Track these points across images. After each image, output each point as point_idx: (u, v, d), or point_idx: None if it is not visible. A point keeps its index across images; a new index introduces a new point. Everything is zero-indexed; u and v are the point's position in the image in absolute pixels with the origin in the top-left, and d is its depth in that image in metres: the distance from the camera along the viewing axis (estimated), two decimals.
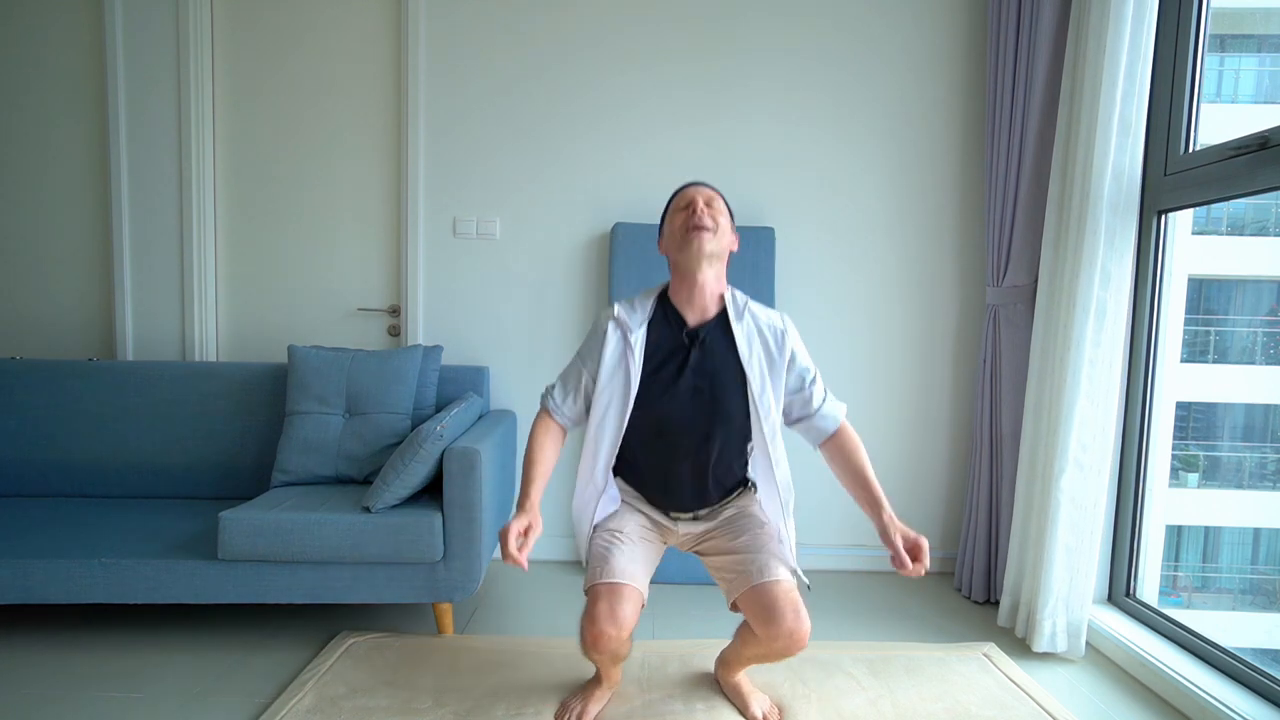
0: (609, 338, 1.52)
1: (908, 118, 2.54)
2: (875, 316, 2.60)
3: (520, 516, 1.37)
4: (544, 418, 1.57)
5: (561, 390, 1.57)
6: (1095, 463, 1.93)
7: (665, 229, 1.55)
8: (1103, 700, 1.78)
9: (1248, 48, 3.73)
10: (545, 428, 1.55)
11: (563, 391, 1.56)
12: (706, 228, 1.46)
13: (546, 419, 1.57)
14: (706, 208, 1.47)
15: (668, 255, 1.55)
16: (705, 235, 1.46)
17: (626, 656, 1.56)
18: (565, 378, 1.58)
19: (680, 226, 1.48)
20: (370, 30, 2.56)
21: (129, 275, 2.56)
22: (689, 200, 1.50)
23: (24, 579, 1.79)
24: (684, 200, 1.51)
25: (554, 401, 1.56)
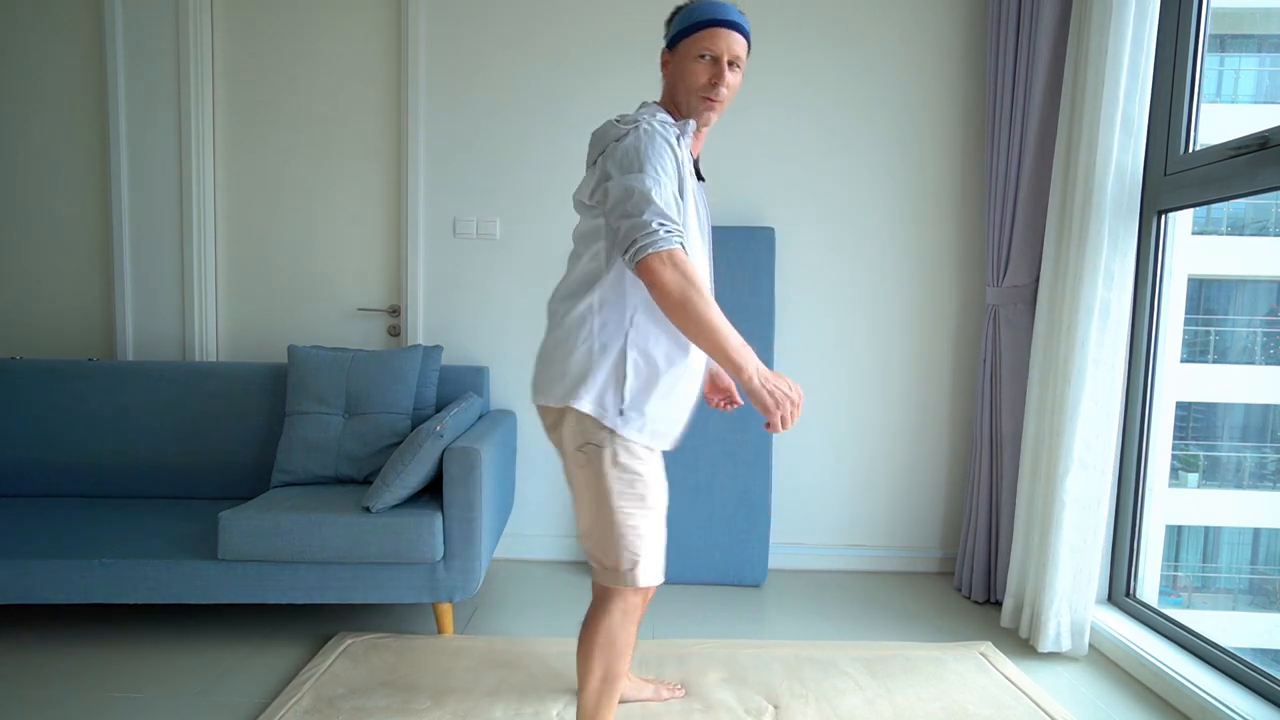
0: (683, 162, 1.26)
1: (908, 117, 2.54)
2: (875, 316, 2.60)
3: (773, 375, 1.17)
4: (685, 257, 1.15)
5: (676, 215, 1.18)
6: (1098, 462, 1.93)
7: (683, 57, 1.29)
8: (1102, 700, 1.78)
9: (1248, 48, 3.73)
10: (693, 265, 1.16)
11: (678, 217, 1.18)
12: (723, 103, 1.30)
13: (685, 255, 1.15)
14: (730, 69, 1.28)
15: (671, 81, 1.33)
16: (718, 109, 1.31)
17: None
18: (665, 200, 1.17)
19: (699, 84, 1.27)
20: (370, 31, 2.56)
21: (129, 275, 2.56)
22: (717, 53, 1.26)
23: (24, 579, 1.79)
24: (713, 48, 1.26)
25: (678, 229, 1.16)
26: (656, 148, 1.20)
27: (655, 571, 1.31)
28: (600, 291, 1.26)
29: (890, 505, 2.64)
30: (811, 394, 2.61)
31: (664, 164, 1.20)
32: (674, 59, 1.32)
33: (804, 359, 2.60)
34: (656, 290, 1.14)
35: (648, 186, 1.16)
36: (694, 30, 1.27)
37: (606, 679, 1.32)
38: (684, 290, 1.12)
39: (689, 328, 1.14)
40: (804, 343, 2.60)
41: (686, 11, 1.30)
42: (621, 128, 1.24)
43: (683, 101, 1.31)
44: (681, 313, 1.14)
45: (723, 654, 1.92)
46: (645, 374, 1.26)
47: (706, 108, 1.30)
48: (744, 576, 2.45)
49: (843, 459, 2.63)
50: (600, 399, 1.25)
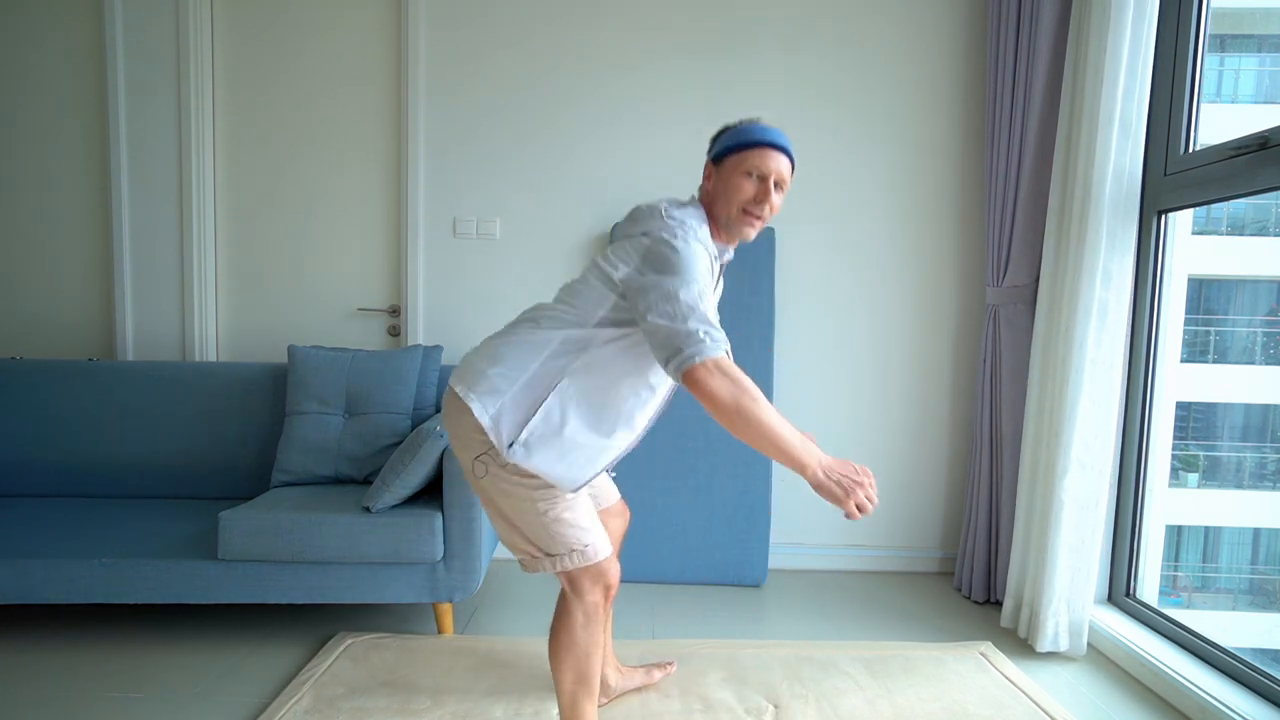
0: (714, 270, 1.30)
1: (908, 117, 2.54)
2: (875, 316, 2.60)
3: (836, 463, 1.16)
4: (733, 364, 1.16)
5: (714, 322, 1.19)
6: (1097, 463, 1.93)
7: (730, 172, 1.31)
8: (1102, 700, 1.78)
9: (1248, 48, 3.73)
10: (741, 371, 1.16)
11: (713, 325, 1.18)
12: (764, 220, 1.33)
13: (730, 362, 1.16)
14: (775, 190, 1.31)
15: (712, 193, 1.35)
16: (759, 226, 1.34)
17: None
18: (709, 309, 1.19)
19: (744, 199, 1.30)
20: (370, 31, 2.56)
21: (129, 275, 2.56)
22: (765, 173, 1.29)
23: (24, 579, 1.79)
24: (762, 167, 1.29)
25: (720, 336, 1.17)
26: (700, 257, 1.23)
27: (594, 549, 1.30)
28: (567, 336, 1.27)
29: (890, 505, 2.64)
30: (811, 394, 2.61)
31: (704, 276, 1.22)
32: (719, 173, 1.34)
33: (804, 359, 2.60)
34: (707, 400, 1.12)
35: (693, 296, 1.16)
36: (745, 148, 1.30)
37: (579, 680, 1.34)
38: (736, 397, 1.12)
39: (747, 434, 1.13)
40: (804, 343, 2.60)
41: (737, 130, 1.33)
42: (670, 224, 1.26)
43: (723, 214, 1.33)
44: (737, 420, 1.12)
45: (723, 654, 1.92)
46: (551, 426, 1.25)
47: (748, 224, 1.32)
48: (744, 576, 2.45)
49: (842, 459, 2.62)
50: (498, 418, 1.25)
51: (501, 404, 1.25)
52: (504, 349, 1.29)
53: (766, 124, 1.33)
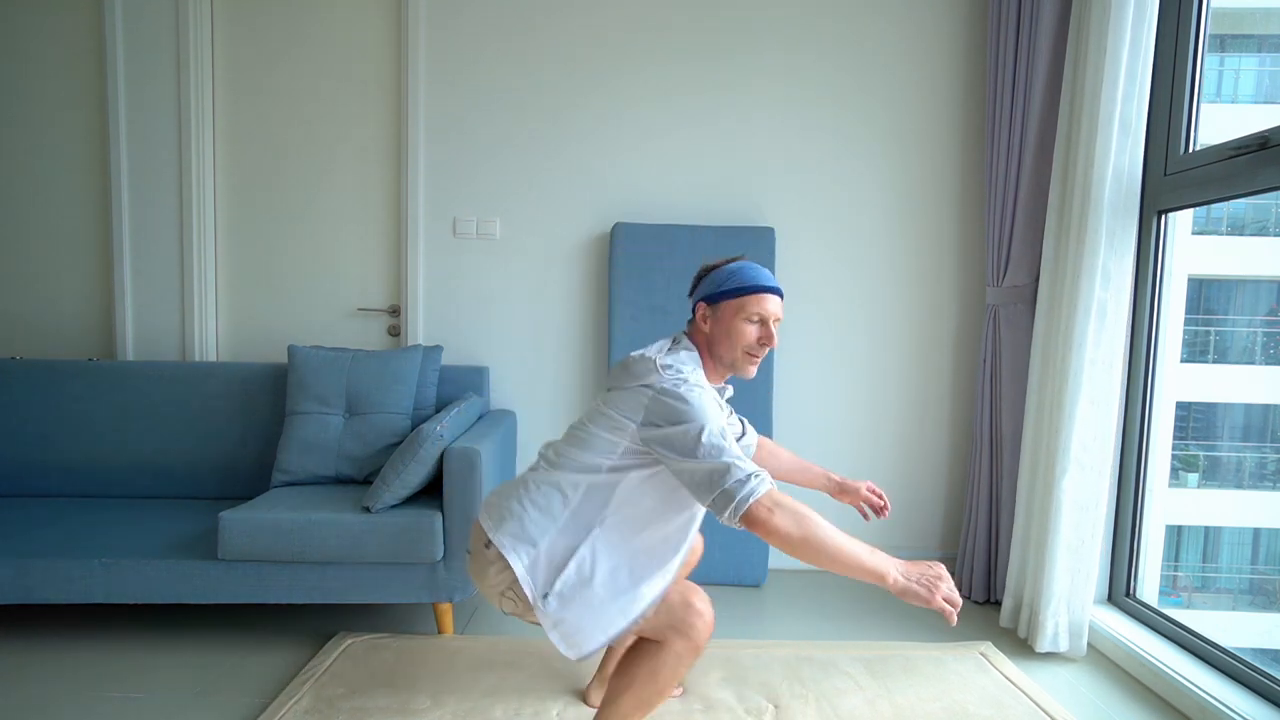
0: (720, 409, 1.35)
1: (908, 117, 2.54)
2: (875, 316, 2.60)
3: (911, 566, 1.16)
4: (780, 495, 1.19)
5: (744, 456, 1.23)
6: (1096, 463, 1.93)
7: (731, 316, 1.37)
8: (1102, 700, 1.78)
9: (1248, 48, 3.73)
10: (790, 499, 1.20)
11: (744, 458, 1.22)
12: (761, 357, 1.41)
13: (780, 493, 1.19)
14: (773, 326, 1.39)
15: (711, 335, 1.39)
16: (758, 363, 1.41)
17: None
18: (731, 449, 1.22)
19: (746, 341, 1.37)
20: (370, 30, 2.56)
21: (129, 275, 2.56)
22: (766, 316, 1.37)
23: (24, 579, 1.79)
24: (763, 312, 1.37)
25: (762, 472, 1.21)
26: (707, 401, 1.26)
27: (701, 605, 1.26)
28: (591, 481, 1.30)
29: (890, 505, 2.63)
30: (811, 394, 2.61)
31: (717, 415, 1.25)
32: (718, 315, 1.39)
33: (804, 359, 2.60)
34: (774, 538, 1.15)
35: (715, 436, 1.21)
36: (745, 294, 1.37)
37: (639, 707, 1.30)
38: (802, 527, 1.15)
39: (818, 560, 1.16)
40: (804, 342, 2.60)
41: (731, 274, 1.38)
42: (667, 376, 1.28)
43: (725, 355, 1.39)
44: (807, 550, 1.15)
45: (723, 654, 1.92)
46: (581, 578, 1.26)
47: (750, 363, 1.40)
48: (744, 576, 2.45)
49: (842, 459, 2.63)
50: (533, 568, 1.27)
51: (536, 554, 1.27)
52: (533, 498, 1.31)
53: (754, 264, 1.41)
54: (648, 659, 1.28)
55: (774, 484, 1.20)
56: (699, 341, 1.41)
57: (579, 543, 1.28)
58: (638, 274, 2.47)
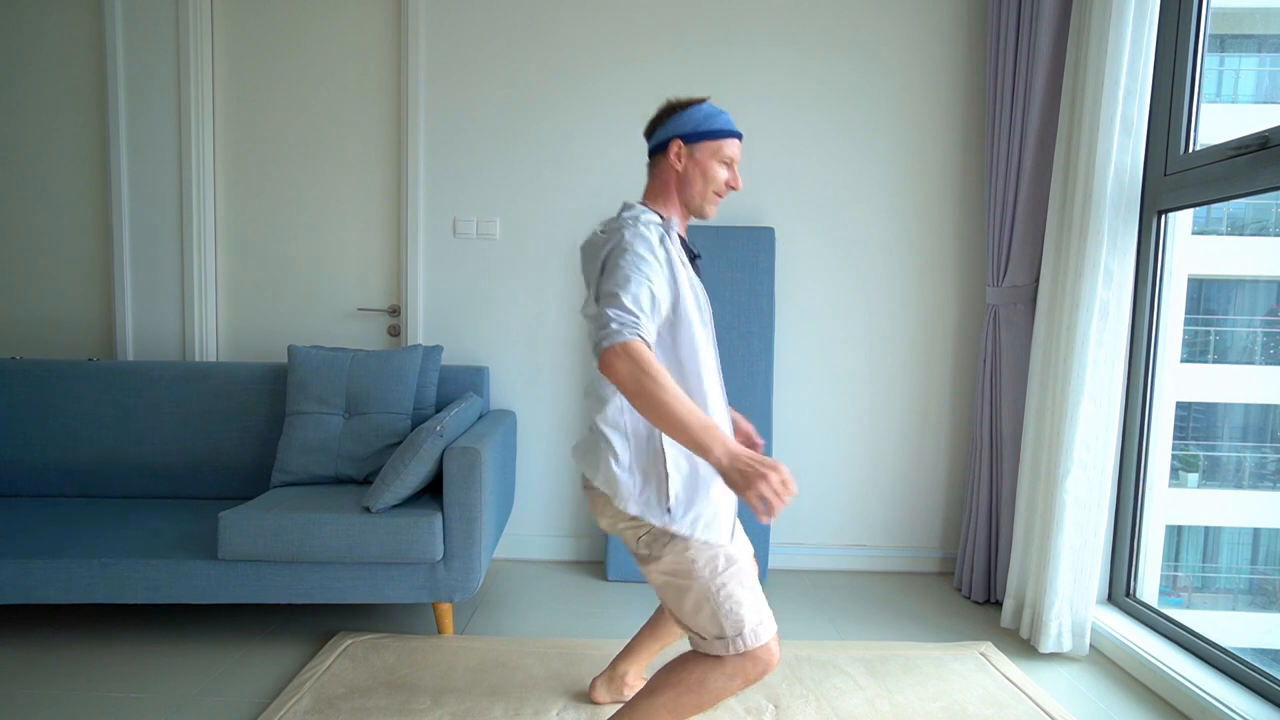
0: (671, 254, 1.29)
1: (908, 117, 2.54)
2: (875, 316, 2.60)
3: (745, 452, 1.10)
4: (639, 345, 1.13)
5: (640, 312, 1.17)
6: (1098, 462, 1.93)
7: (703, 157, 1.36)
8: (1102, 700, 1.78)
9: (1248, 48, 3.72)
10: (650, 354, 1.14)
11: (641, 313, 1.17)
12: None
13: (642, 345, 1.14)
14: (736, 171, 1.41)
15: (682, 175, 1.37)
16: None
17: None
18: (635, 299, 1.17)
19: (718, 184, 1.37)
20: (370, 31, 2.56)
21: (129, 275, 2.56)
22: (734, 159, 1.38)
23: (24, 579, 1.79)
24: (734, 155, 1.38)
25: (636, 324, 1.16)
26: (634, 252, 1.23)
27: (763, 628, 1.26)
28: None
29: (890, 505, 2.64)
30: (812, 394, 2.61)
31: (640, 265, 1.22)
32: (695, 156, 1.36)
33: (804, 358, 2.60)
34: (617, 385, 1.14)
35: (616, 289, 1.19)
36: (723, 137, 1.36)
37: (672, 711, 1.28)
38: (637, 379, 1.11)
39: (650, 415, 1.13)
40: (804, 343, 2.60)
41: (709, 116, 1.36)
42: (605, 238, 1.29)
43: (696, 196, 1.38)
44: (640, 401, 1.12)
45: None
46: (686, 470, 1.27)
47: (714, 205, 1.40)
48: None
49: (842, 459, 2.63)
50: (645, 501, 1.27)
51: (636, 484, 1.28)
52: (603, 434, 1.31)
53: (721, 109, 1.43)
54: (701, 666, 1.27)
55: (645, 340, 1.15)
56: (667, 180, 1.38)
57: (662, 450, 1.27)
58: None
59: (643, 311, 1.18)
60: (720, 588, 1.25)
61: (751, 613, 1.26)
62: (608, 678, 1.67)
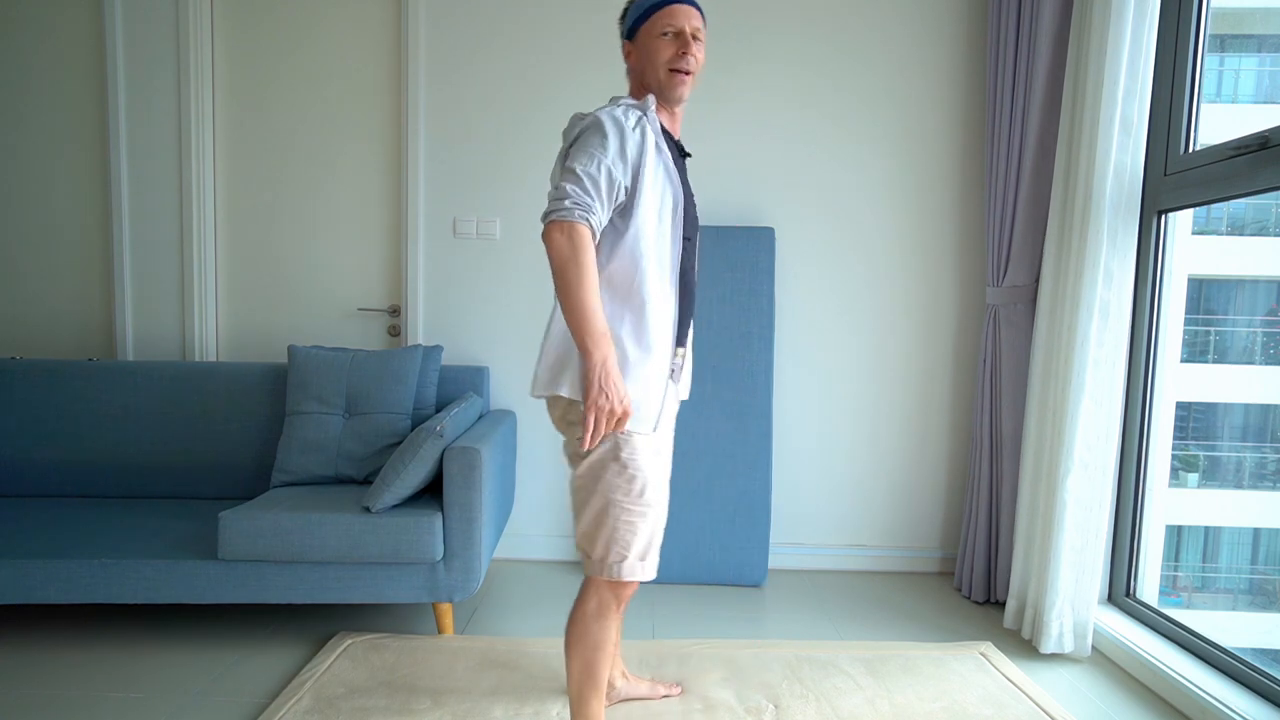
0: (646, 139, 1.27)
1: (908, 118, 2.54)
2: (875, 316, 2.60)
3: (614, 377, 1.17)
4: (584, 231, 1.18)
5: (594, 196, 1.20)
6: (1099, 463, 1.93)
7: (643, 41, 1.33)
8: (1102, 700, 1.78)
9: (1248, 48, 3.72)
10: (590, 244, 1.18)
11: (596, 198, 1.20)
12: (692, 72, 1.33)
13: (587, 232, 1.18)
14: (693, 41, 1.32)
15: (638, 69, 1.36)
16: (689, 81, 1.34)
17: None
18: (593, 180, 1.20)
19: (666, 60, 1.32)
20: (370, 30, 2.56)
21: (129, 275, 2.56)
22: (679, 27, 1.31)
23: (24, 579, 1.79)
24: (674, 24, 1.31)
25: (590, 207, 1.19)
26: (601, 132, 1.24)
27: (642, 568, 1.32)
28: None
29: (890, 505, 2.64)
30: (812, 393, 2.61)
31: (605, 145, 1.23)
32: (636, 46, 1.36)
33: (804, 358, 2.60)
34: (549, 258, 1.19)
35: (577, 166, 1.21)
36: (652, 12, 1.33)
37: (585, 672, 1.36)
38: (565, 261, 1.16)
39: (562, 298, 1.18)
40: (804, 342, 2.60)
41: (638, 3, 1.36)
42: (580, 121, 1.29)
43: (653, 82, 1.35)
44: (559, 281, 1.18)
45: (723, 654, 1.92)
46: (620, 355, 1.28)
47: (678, 82, 1.34)
48: (744, 576, 2.45)
49: (843, 458, 2.63)
50: (573, 380, 1.28)
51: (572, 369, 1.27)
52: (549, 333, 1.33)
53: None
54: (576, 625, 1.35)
55: (592, 227, 1.19)
56: (633, 81, 1.40)
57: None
58: None
59: (598, 195, 1.21)
60: (623, 512, 1.29)
61: (640, 542, 1.31)
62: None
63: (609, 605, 1.34)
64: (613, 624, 1.36)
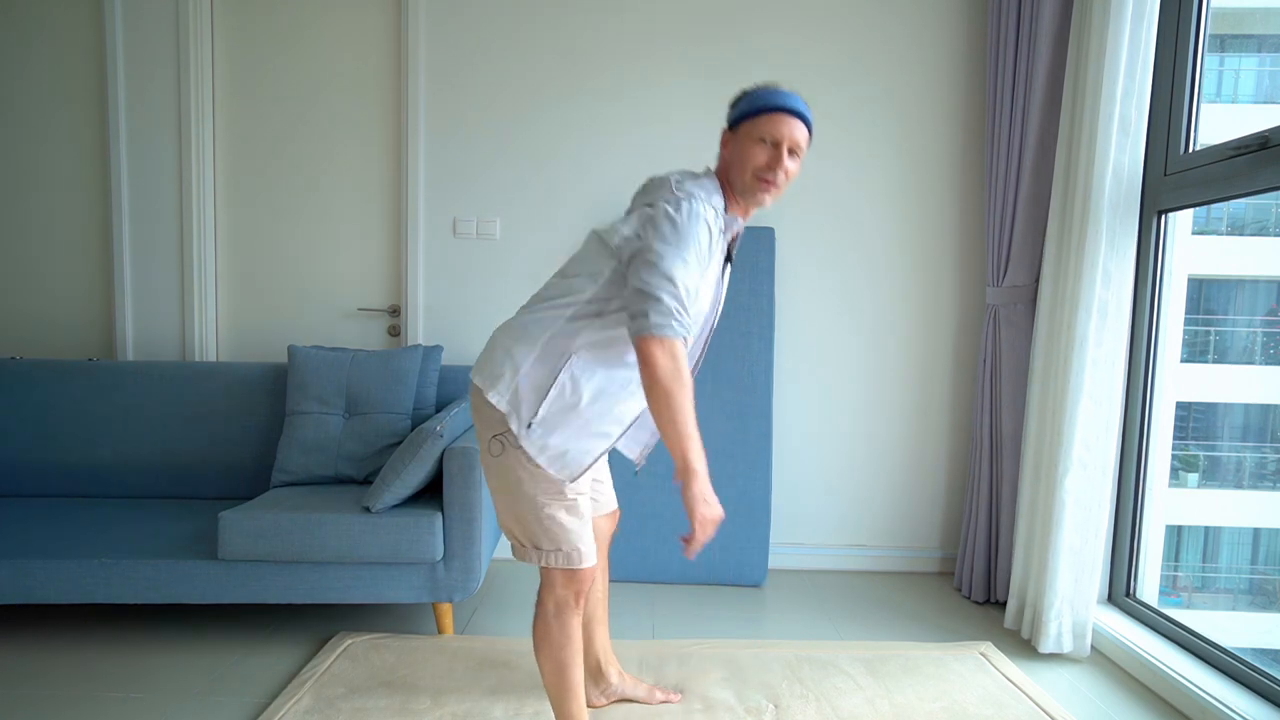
0: (714, 247, 1.28)
1: (908, 117, 2.54)
2: (875, 316, 2.60)
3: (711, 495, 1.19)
4: (682, 349, 1.19)
5: (688, 306, 1.20)
6: (1098, 463, 1.93)
7: (743, 139, 1.31)
8: (1102, 700, 1.78)
9: (1248, 48, 3.72)
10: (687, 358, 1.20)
11: (688, 308, 1.20)
12: (779, 187, 1.32)
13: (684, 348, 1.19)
14: (790, 157, 1.30)
15: (728, 160, 1.35)
16: (774, 192, 1.33)
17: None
18: (687, 290, 1.20)
19: (757, 165, 1.29)
20: (370, 30, 2.56)
21: (129, 275, 2.56)
22: (779, 138, 1.28)
23: (24, 579, 1.79)
24: (775, 133, 1.28)
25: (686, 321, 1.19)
26: (698, 230, 1.22)
27: (580, 554, 1.32)
28: (575, 310, 1.30)
29: (890, 505, 2.64)
30: (812, 393, 2.61)
31: (699, 248, 1.22)
32: (734, 140, 1.34)
33: (804, 358, 2.60)
34: (647, 370, 1.18)
35: (676, 268, 1.19)
36: (758, 114, 1.30)
37: (557, 673, 1.36)
38: (671, 382, 1.17)
39: (662, 414, 1.18)
40: (804, 342, 2.60)
41: (752, 96, 1.33)
42: (676, 196, 1.26)
43: (737, 181, 1.33)
44: (663, 400, 1.17)
45: (723, 654, 1.92)
46: (567, 401, 1.27)
47: (762, 189, 1.31)
48: (744, 576, 2.45)
49: (843, 459, 2.63)
50: (515, 401, 1.27)
51: (516, 385, 1.27)
52: (513, 333, 1.32)
53: (784, 88, 1.32)
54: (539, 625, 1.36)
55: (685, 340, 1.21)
56: (721, 175, 1.38)
57: (559, 369, 1.27)
58: None
59: (687, 305, 1.20)
60: (543, 507, 1.29)
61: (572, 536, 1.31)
62: (593, 682, 1.67)
63: (566, 605, 1.34)
64: (574, 620, 1.35)
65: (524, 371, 1.28)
